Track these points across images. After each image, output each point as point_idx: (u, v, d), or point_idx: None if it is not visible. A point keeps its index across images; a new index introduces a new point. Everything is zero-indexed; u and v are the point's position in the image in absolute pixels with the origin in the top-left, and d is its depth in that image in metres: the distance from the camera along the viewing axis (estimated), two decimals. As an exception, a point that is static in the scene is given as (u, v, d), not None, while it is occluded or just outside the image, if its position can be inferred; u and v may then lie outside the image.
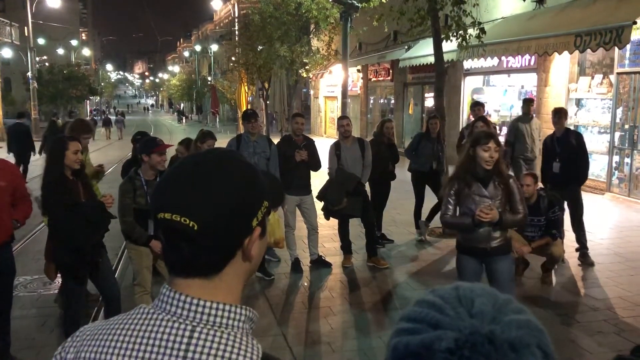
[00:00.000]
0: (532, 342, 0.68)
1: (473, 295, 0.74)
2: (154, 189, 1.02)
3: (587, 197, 10.67)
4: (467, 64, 15.17)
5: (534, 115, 9.20)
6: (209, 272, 0.97)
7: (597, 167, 11.56)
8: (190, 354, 0.90)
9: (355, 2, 11.48)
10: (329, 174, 6.88)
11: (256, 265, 1.06)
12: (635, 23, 8.65)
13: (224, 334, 0.93)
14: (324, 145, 7.66)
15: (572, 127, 11.68)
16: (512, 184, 4.08)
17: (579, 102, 12.20)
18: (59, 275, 4.86)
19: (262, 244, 1.05)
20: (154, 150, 4.50)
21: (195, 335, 0.91)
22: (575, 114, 12.21)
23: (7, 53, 31.87)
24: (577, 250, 6.96)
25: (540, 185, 6.71)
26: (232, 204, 0.95)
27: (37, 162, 13.26)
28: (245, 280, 1.06)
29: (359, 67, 22.63)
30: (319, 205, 6.82)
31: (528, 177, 6.12)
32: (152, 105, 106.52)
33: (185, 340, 0.91)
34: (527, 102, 8.72)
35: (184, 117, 56.25)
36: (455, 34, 8.41)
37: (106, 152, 22.85)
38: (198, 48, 57.08)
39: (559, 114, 6.95)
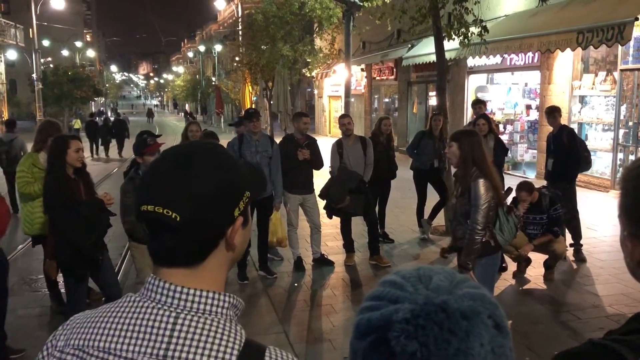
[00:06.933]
0: (483, 311, 0.73)
1: (432, 273, 0.78)
2: (138, 182, 1.04)
3: (591, 195, 10.68)
4: (471, 62, 15.16)
5: None
6: (193, 261, 1.00)
7: (602, 164, 11.52)
8: (174, 340, 0.92)
9: (357, 1, 11.47)
10: (331, 172, 6.89)
11: (239, 254, 1.08)
12: (637, 19, 8.62)
13: (207, 320, 0.95)
14: (328, 144, 7.68)
15: (575, 125, 11.74)
16: (473, 191, 3.84)
17: (582, 100, 12.17)
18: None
19: (245, 233, 1.07)
20: (145, 152, 4.53)
21: (179, 321, 0.94)
22: (579, 112, 12.18)
23: (12, 55, 32.03)
24: (570, 245, 6.94)
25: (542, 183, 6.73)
26: (213, 194, 0.97)
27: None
28: (228, 269, 1.08)
29: (363, 66, 22.62)
30: (321, 203, 6.83)
31: (521, 192, 6.05)
32: (156, 106, 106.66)
33: (169, 326, 0.93)
34: None
35: (191, 118, 56.30)
36: (457, 32, 8.40)
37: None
38: (202, 48, 57.08)
39: (552, 113, 6.96)
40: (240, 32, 30.50)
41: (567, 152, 6.77)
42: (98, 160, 21.11)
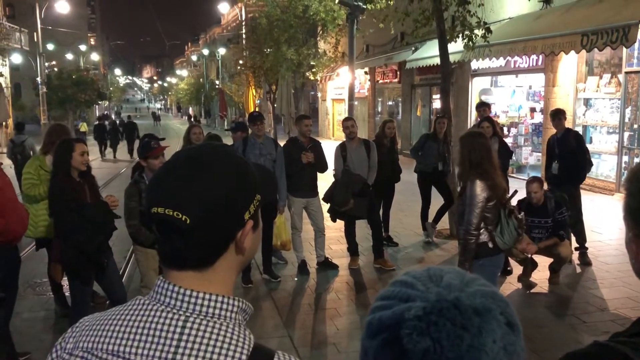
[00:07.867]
0: (495, 308, 0.73)
1: (442, 273, 0.79)
2: (148, 184, 1.04)
3: (596, 198, 10.64)
4: (475, 64, 15.14)
5: None
6: (202, 264, 0.99)
7: (606, 167, 11.48)
8: (182, 343, 0.92)
9: (361, 4, 11.49)
10: (334, 175, 6.88)
11: (249, 257, 1.08)
12: (642, 22, 8.59)
13: (216, 324, 0.94)
14: (331, 147, 7.68)
15: (580, 127, 11.71)
16: (468, 191, 3.88)
17: (587, 102, 12.14)
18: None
19: (256, 237, 1.06)
20: (149, 155, 4.54)
21: (188, 325, 0.93)
22: (584, 114, 12.15)
23: (17, 59, 32.14)
24: (576, 249, 6.90)
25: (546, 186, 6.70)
26: (223, 197, 0.97)
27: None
28: (237, 272, 1.07)
29: (367, 69, 22.64)
30: (325, 207, 6.83)
31: (533, 185, 6.06)
32: (159, 109, 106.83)
33: (178, 330, 0.93)
34: None
35: (194, 122, 56.35)
36: (461, 34, 8.40)
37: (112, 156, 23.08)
38: (206, 52, 57.18)
39: (558, 115, 6.93)
40: (244, 36, 30.52)
41: (573, 155, 6.74)
42: (107, 161, 21.27)
